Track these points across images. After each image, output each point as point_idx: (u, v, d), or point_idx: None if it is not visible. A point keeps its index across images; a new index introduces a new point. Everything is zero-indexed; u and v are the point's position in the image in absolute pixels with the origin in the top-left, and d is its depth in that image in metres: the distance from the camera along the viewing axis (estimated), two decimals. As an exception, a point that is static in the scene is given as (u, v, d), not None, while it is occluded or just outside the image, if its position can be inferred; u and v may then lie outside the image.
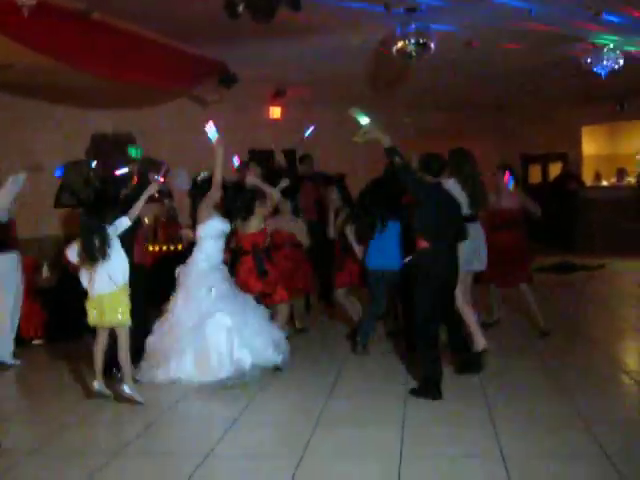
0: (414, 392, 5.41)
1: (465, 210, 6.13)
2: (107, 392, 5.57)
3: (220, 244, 6.29)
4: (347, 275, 7.15)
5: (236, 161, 7.99)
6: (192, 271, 6.16)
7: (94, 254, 5.41)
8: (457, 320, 6.04)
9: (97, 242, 5.41)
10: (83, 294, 7.61)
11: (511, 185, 7.28)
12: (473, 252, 6.38)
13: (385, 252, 6.53)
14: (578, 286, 10.75)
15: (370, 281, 6.70)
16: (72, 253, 5.59)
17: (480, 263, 6.57)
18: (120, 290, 5.51)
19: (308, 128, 8.46)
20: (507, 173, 7.30)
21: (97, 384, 5.58)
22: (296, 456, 4.29)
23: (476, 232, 6.44)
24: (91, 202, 7.51)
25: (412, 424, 4.79)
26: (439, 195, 5.55)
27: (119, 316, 5.47)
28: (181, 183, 8.29)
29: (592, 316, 8.57)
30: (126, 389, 5.47)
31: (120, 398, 5.50)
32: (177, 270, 6.30)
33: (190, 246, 6.76)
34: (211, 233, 6.20)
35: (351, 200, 7.33)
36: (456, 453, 4.32)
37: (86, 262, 5.49)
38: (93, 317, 5.52)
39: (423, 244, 5.43)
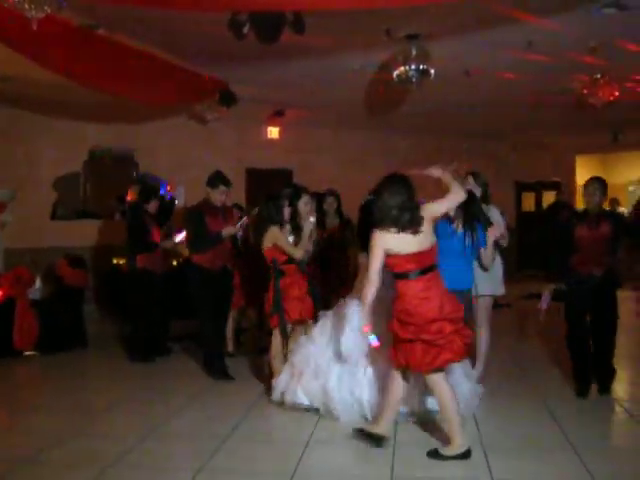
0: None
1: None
2: None
3: None
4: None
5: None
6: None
7: None
8: None
9: None
10: (76, 306, 7.74)
11: None
12: (489, 275, 6.21)
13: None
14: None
15: None
16: None
17: (493, 287, 6.35)
18: None
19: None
20: None
21: None
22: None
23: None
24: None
25: (403, 446, 4.80)
26: None
27: None
28: (179, 200, 8.31)
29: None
30: None
31: None
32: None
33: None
34: None
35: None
36: (446, 476, 4.34)
37: None
38: None
39: None
